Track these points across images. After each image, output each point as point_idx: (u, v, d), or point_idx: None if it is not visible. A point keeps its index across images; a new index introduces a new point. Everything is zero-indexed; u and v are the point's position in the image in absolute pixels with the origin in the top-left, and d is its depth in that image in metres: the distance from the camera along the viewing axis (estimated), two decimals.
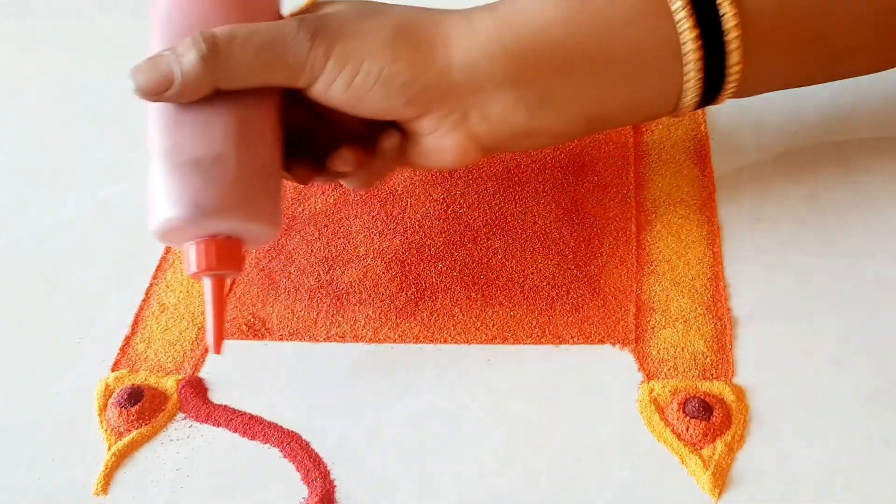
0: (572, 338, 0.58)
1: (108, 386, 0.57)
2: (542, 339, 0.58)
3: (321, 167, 0.56)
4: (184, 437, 0.54)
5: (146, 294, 0.64)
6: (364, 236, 0.66)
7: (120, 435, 0.54)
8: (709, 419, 0.51)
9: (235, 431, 0.54)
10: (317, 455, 0.52)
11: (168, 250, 0.67)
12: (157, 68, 0.48)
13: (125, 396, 0.55)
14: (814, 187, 0.67)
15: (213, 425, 0.55)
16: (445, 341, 0.58)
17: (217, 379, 0.57)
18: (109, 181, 0.74)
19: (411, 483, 0.50)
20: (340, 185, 0.70)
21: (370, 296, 0.62)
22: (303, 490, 0.51)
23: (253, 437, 0.54)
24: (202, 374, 0.58)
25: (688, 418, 0.51)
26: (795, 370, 0.54)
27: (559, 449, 0.51)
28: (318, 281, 0.64)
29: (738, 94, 0.56)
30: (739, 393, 0.53)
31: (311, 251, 0.66)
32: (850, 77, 0.61)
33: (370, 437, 0.53)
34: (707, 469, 0.49)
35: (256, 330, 0.60)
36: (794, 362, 0.55)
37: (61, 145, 0.79)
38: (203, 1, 0.51)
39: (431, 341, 0.58)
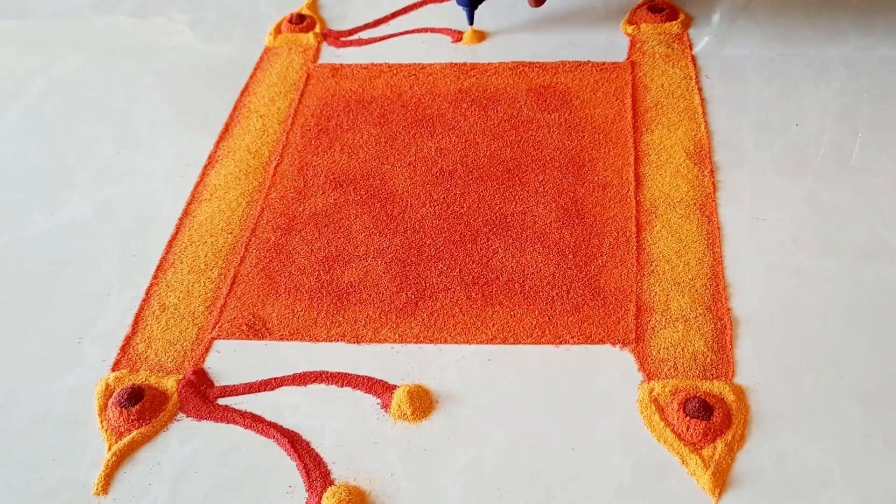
0: (572, 338, 0.58)
1: (108, 386, 0.57)
2: (542, 339, 0.58)
3: None
4: (184, 437, 0.54)
5: (146, 294, 0.64)
6: (364, 236, 0.66)
7: (120, 435, 0.54)
8: (709, 419, 0.51)
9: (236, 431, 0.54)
10: (317, 455, 0.52)
11: (168, 250, 0.67)
12: None
13: (125, 396, 0.55)
14: (814, 187, 0.67)
15: (214, 424, 0.55)
16: (445, 341, 0.58)
17: (217, 378, 0.57)
18: (109, 181, 0.74)
19: (411, 483, 0.50)
20: (341, 186, 0.70)
21: (370, 296, 0.62)
22: (303, 490, 0.51)
23: (253, 438, 0.54)
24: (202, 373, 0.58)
25: (688, 418, 0.51)
26: (796, 370, 0.54)
27: (559, 449, 0.51)
28: (318, 281, 0.63)
29: None
30: (740, 393, 0.53)
31: (311, 251, 0.66)
32: None
33: (370, 437, 0.53)
34: (707, 469, 0.49)
35: (256, 330, 0.60)
36: (794, 362, 0.55)
37: (61, 145, 0.79)
38: None
39: (431, 341, 0.58)
